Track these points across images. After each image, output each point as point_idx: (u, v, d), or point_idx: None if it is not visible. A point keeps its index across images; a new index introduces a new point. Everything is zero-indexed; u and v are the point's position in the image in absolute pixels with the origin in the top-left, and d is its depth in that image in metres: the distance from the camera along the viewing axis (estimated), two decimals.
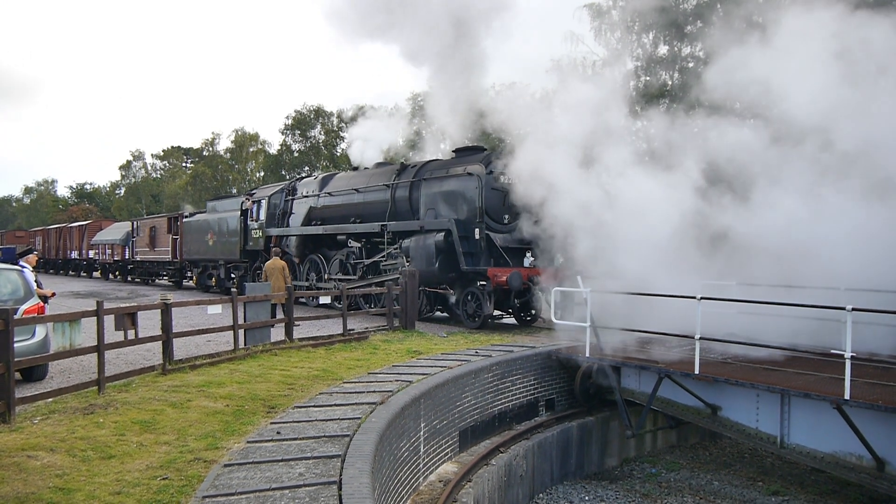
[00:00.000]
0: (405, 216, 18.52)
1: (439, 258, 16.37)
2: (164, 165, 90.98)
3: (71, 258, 48.60)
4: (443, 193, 17.37)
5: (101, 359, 8.98)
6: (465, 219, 16.44)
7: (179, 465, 6.29)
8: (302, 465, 6.27)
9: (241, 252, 25.61)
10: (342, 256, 20.83)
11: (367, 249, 19.82)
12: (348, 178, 21.78)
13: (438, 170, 17.97)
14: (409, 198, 18.48)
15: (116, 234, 40.75)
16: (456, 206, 16.87)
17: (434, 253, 16.40)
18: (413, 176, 18.64)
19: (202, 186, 73.45)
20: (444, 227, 16.52)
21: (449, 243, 16.26)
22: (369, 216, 19.71)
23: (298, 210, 23.31)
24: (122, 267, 40.61)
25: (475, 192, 16.24)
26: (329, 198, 21.92)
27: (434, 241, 16.45)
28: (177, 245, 32.08)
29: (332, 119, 67.81)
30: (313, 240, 22.32)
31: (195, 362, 10.88)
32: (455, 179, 17.08)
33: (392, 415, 8.06)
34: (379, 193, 19.62)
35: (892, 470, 8.59)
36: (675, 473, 12.33)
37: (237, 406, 8.42)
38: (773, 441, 9.89)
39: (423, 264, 16.66)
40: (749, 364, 11.19)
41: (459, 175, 16.91)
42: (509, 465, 10.60)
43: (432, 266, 16.46)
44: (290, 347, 12.67)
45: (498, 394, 11.59)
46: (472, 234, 16.12)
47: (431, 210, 17.55)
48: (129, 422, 7.58)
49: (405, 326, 15.47)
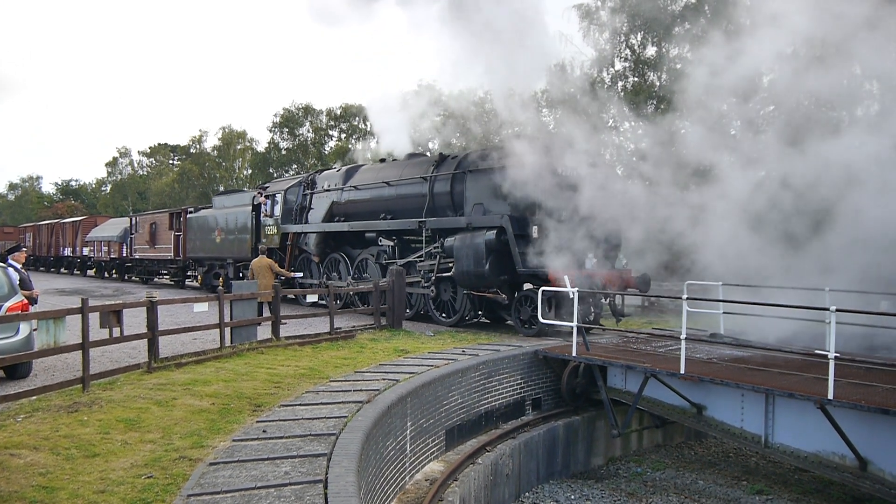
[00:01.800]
0: (445, 212, 16.89)
1: (490, 258, 14.77)
2: (151, 162, 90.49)
3: (64, 255, 46.84)
4: (494, 187, 15.41)
5: (85, 357, 8.93)
6: (520, 215, 14.79)
7: (164, 464, 6.27)
8: (288, 464, 6.25)
9: (253, 250, 23.57)
10: (370, 256, 19.29)
11: (399, 248, 18.20)
12: (377, 171, 19.85)
13: (485, 160, 15.99)
14: (450, 192, 16.73)
15: (113, 230, 38.95)
16: (510, 201, 15.05)
17: (484, 253, 14.78)
18: (455, 167, 16.80)
19: (189, 184, 73.12)
20: (495, 224, 14.82)
21: (502, 242, 14.63)
22: (402, 212, 18.09)
23: (318, 205, 21.52)
24: (120, 265, 38.87)
25: (534, 185, 14.53)
26: (355, 192, 20.07)
27: (484, 239, 14.83)
28: (180, 242, 30.44)
29: (321, 117, 67.66)
30: (336, 237, 20.79)
31: (181, 360, 10.83)
32: (508, 170, 15.06)
33: (378, 413, 8.05)
34: (414, 187, 17.87)
35: (874, 469, 8.67)
36: (661, 472, 12.38)
37: (223, 404, 8.38)
38: (757, 440, 9.97)
39: (469, 265, 15.12)
40: (734, 364, 11.27)
41: (514, 165, 14.89)
42: (495, 464, 10.62)
43: (481, 267, 14.86)
44: (276, 346, 12.63)
45: (485, 393, 11.60)
46: (528, 232, 14.61)
47: (479, 205, 15.83)
48: (114, 420, 7.54)
49: (392, 325, 15.45)
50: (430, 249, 16.96)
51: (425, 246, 17.12)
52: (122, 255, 37.28)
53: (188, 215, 29.40)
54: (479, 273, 14.99)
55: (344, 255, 20.43)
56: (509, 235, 14.44)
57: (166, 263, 32.58)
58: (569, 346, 12.37)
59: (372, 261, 19.14)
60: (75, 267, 46.57)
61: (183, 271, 31.56)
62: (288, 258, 22.15)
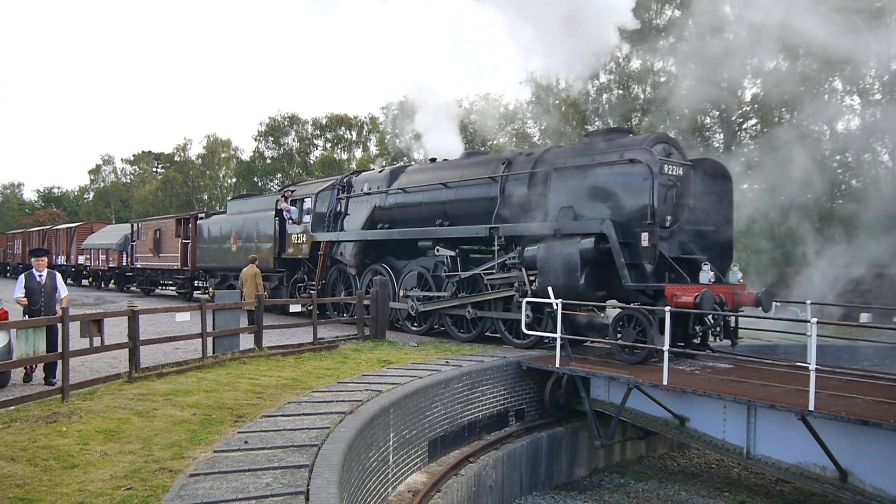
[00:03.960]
0: (520, 216, 14.68)
1: (585, 271, 12.85)
2: (135, 170, 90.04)
3: (57, 264, 42.93)
4: (588, 188, 13.40)
5: (65, 366, 8.85)
6: (624, 220, 12.66)
7: (144, 475, 6.20)
8: (269, 475, 6.21)
9: (276, 260, 21.63)
10: (423, 268, 17.10)
11: (461, 259, 16.06)
12: (430, 172, 17.64)
13: (575, 157, 13.96)
14: (527, 194, 14.65)
15: (112, 237, 36.29)
16: (610, 204, 13.00)
17: (577, 264, 12.81)
18: (532, 166, 14.75)
19: (173, 192, 72.79)
20: (593, 231, 12.81)
21: (601, 252, 12.70)
22: (462, 217, 16.03)
23: (356, 210, 19.29)
24: (120, 275, 36.19)
25: (643, 186, 12.43)
26: (402, 195, 17.84)
27: (578, 249, 12.83)
28: (188, 251, 28.23)
29: (307, 126, 67.64)
30: (377, 247, 18.66)
31: (162, 370, 10.75)
32: (607, 168, 13.12)
33: (361, 424, 8.02)
34: (479, 189, 15.76)
35: (854, 481, 8.73)
36: (644, 484, 12.40)
37: (204, 415, 8.32)
38: (739, 452, 10.02)
39: (559, 278, 13.06)
40: (717, 375, 11.33)
41: (616, 163, 12.94)
42: (479, 476, 10.59)
43: (574, 281, 12.82)
44: (259, 356, 12.56)
45: (468, 404, 11.58)
46: (635, 241, 12.44)
47: (568, 209, 13.57)
48: (93, 430, 7.47)
49: (376, 335, 15.42)
50: (505, 260, 14.77)
51: (496, 257, 14.95)
52: (121, 264, 35.06)
53: (198, 221, 27.34)
54: (571, 288, 12.89)
55: (387, 267, 18.15)
56: (613, 244, 12.37)
57: (172, 273, 30.32)
58: (552, 357, 12.38)
59: (426, 274, 16.97)
60: (69, 276, 42.96)
61: (191, 282, 29.38)
62: (319, 270, 19.99)
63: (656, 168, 12.30)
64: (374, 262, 18.66)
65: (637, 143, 13.15)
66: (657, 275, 12.45)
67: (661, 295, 11.97)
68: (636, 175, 12.59)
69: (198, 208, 66.25)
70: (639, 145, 13.00)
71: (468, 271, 15.71)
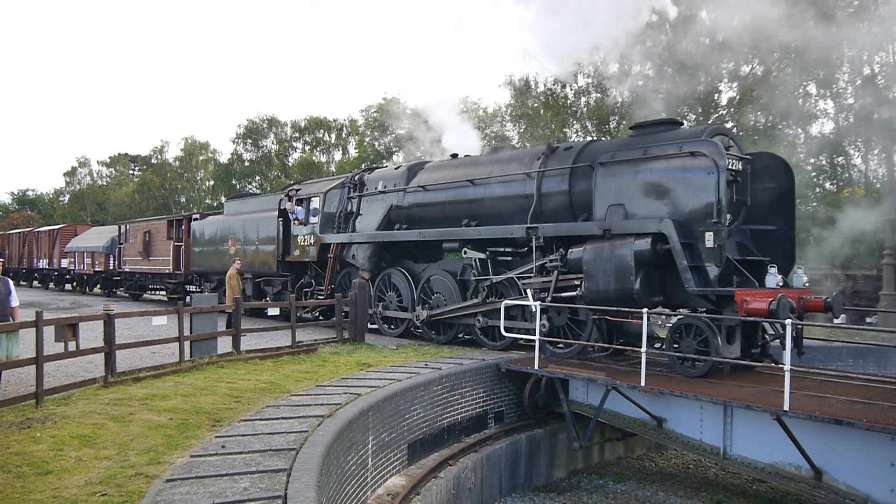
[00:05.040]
0: (559, 215, 13.77)
1: (640, 274, 11.75)
2: (111, 173, 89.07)
3: (39, 268, 42.43)
4: (640, 184, 12.23)
5: (39, 371, 8.75)
6: (684, 219, 11.54)
7: (120, 481, 6.15)
8: (247, 480, 6.18)
9: (279, 263, 20.38)
10: (446, 272, 16.01)
11: (491, 262, 14.95)
12: (452, 169, 16.50)
13: (624, 151, 12.69)
14: (569, 191, 13.62)
15: (98, 239, 34.88)
16: (667, 201, 11.85)
17: (631, 267, 11.71)
18: (574, 160, 13.67)
19: (150, 195, 72.17)
20: (649, 231, 11.73)
21: (659, 254, 11.64)
22: (492, 217, 15.02)
23: (370, 210, 18.21)
24: (106, 279, 34.68)
25: (706, 181, 11.34)
26: (423, 193, 16.76)
27: (632, 250, 11.76)
28: (180, 254, 26.98)
29: (286, 129, 67.36)
30: (393, 249, 17.65)
31: (139, 374, 10.66)
32: (664, 162, 11.93)
33: (339, 428, 8.00)
34: (512, 186, 14.72)
35: (829, 480, 8.86)
36: (622, 485, 12.47)
37: (181, 419, 8.26)
38: (716, 452, 10.12)
39: (609, 283, 11.98)
40: (693, 377, 11.42)
41: (675, 156, 11.79)
42: (458, 478, 10.60)
43: (628, 285, 11.70)
44: (237, 360, 12.49)
45: (447, 406, 11.59)
46: (697, 241, 11.36)
47: (617, 207, 12.41)
48: (68, 436, 7.39)
49: (355, 339, 15.38)
50: (546, 262, 13.65)
51: (535, 259, 13.85)
52: (108, 268, 33.68)
53: (192, 223, 26.15)
54: (624, 292, 11.81)
55: (404, 272, 17.07)
56: (674, 245, 11.30)
57: (163, 277, 28.99)
58: (531, 359, 12.43)
59: (451, 278, 15.82)
60: (51, 280, 42.32)
61: (184, 286, 27.93)
62: (329, 274, 18.80)
63: (722, 161, 11.22)
64: (391, 264, 17.61)
65: (694, 135, 12.21)
66: (722, 278, 11.32)
67: (727, 301, 11.01)
68: (698, 169, 11.48)
69: (175, 211, 65.79)
70: (696, 137, 12.02)
71: (500, 275, 14.66)
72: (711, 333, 10.82)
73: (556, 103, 37.62)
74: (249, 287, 21.74)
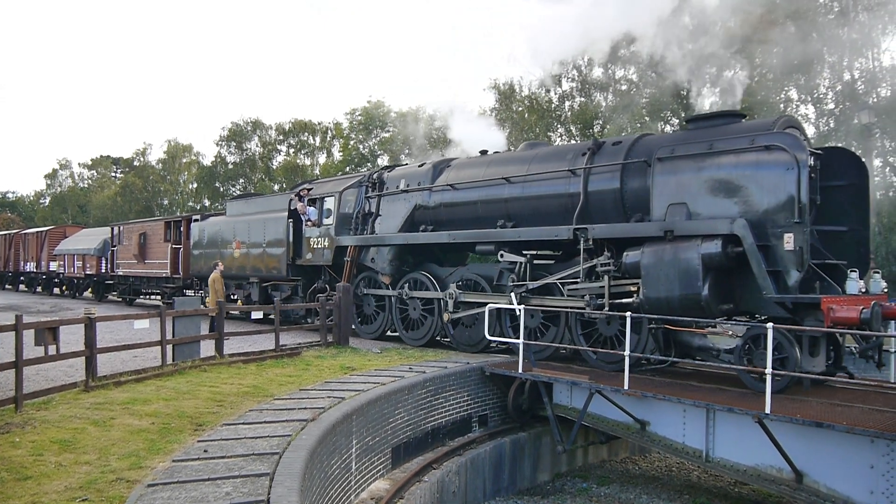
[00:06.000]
0: (609, 215, 12.86)
1: (708, 280, 10.80)
2: (93, 175, 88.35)
3: (25, 271, 40.56)
4: (706, 181, 11.24)
5: (19, 375, 8.66)
6: (757, 219, 10.56)
7: (100, 486, 6.10)
8: (229, 484, 6.14)
9: (289, 267, 19.39)
10: (479, 276, 15.08)
11: (531, 267, 13.90)
12: (484, 167, 15.49)
13: (684, 146, 11.76)
14: (620, 188, 12.72)
15: (90, 242, 33.35)
16: (738, 200, 10.87)
17: (699, 271, 10.75)
18: (625, 156, 12.73)
19: (132, 197, 71.70)
20: (718, 232, 10.75)
21: (731, 257, 10.68)
22: (531, 217, 14.07)
23: (391, 210, 17.23)
24: (98, 283, 33.33)
25: (785, 177, 10.35)
26: (451, 192, 15.75)
27: (700, 253, 10.80)
28: (179, 257, 25.85)
29: (270, 132, 67.11)
30: (416, 252, 16.72)
31: (120, 378, 10.58)
32: (733, 157, 10.99)
33: (323, 432, 7.98)
34: (554, 184, 13.74)
35: (809, 482, 8.93)
36: (606, 488, 12.51)
37: (163, 424, 8.21)
38: (698, 455, 10.17)
39: (672, 289, 11.04)
40: (676, 381, 11.49)
41: (746, 150, 10.85)
42: (442, 482, 10.60)
43: (695, 291, 10.75)
44: (220, 363, 12.43)
45: (431, 410, 11.58)
46: (774, 243, 10.43)
47: (679, 206, 11.43)
48: (48, 441, 7.32)
49: (339, 342, 15.34)
50: (596, 265, 12.62)
51: (583, 262, 12.83)
52: (100, 271, 32.29)
53: (192, 224, 24.90)
54: (690, 299, 10.88)
55: (429, 276, 16.08)
56: (749, 247, 10.34)
57: (160, 282, 27.70)
58: (515, 362, 12.45)
59: (485, 283, 14.86)
60: (39, 284, 40.44)
61: (182, 291, 26.68)
62: (345, 278, 17.74)
63: (803, 156, 10.29)
64: (414, 269, 16.68)
65: (765, 127, 11.33)
66: (802, 284, 10.35)
67: (809, 309, 10.09)
68: (775, 164, 10.48)
69: (158, 214, 65.36)
70: (767, 129, 11.15)
71: (538, 279, 13.64)
72: (791, 345, 9.93)
73: (540, 107, 37.80)
74: (256, 292, 20.88)
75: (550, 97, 38.46)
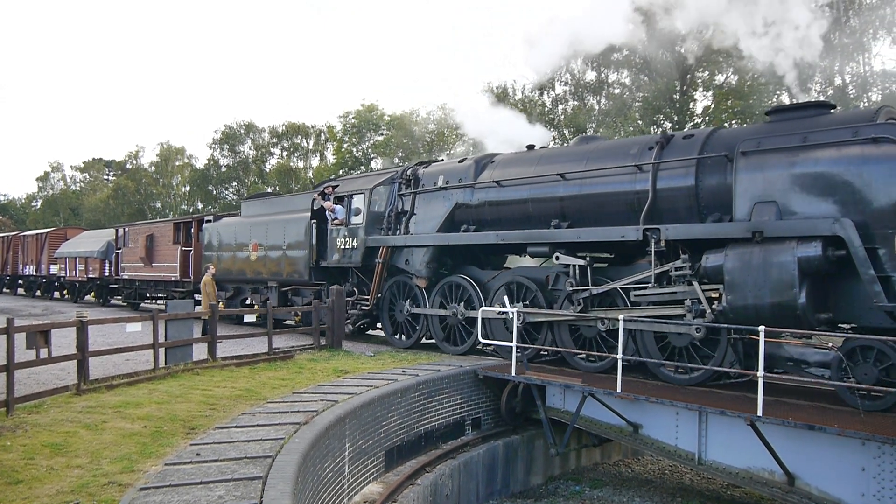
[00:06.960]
0: (681, 215, 11.79)
1: (805, 286, 9.75)
2: (85, 178, 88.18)
3: (25, 274, 39.32)
4: (799, 177, 10.18)
5: (10, 379, 8.61)
6: (861, 219, 9.53)
7: (92, 490, 6.07)
8: (222, 488, 6.13)
9: (312, 270, 18.15)
10: (528, 280, 13.87)
11: (591, 270, 12.88)
12: (534, 162, 14.29)
13: (772, 138, 10.70)
14: (695, 186, 11.61)
15: (93, 244, 32.09)
16: (838, 198, 9.81)
17: (795, 277, 9.69)
18: (700, 150, 11.66)
19: (125, 200, 71.55)
20: (818, 234, 9.72)
21: (832, 261, 9.69)
22: (591, 217, 13.00)
23: (427, 209, 16.14)
24: (101, 286, 32.02)
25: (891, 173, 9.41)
26: (497, 190, 14.61)
27: (796, 256, 9.74)
28: (189, 260, 24.69)
29: (263, 135, 67.07)
30: (455, 254, 15.67)
31: (112, 382, 10.53)
32: (833, 151, 9.94)
33: (316, 435, 7.97)
34: (618, 181, 12.64)
35: (801, 484, 8.97)
36: (599, 491, 12.53)
37: (155, 427, 8.18)
38: (691, 458, 10.19)
39: (763, 296, 9.98)
40: (669, 384, 11.52)
41: (849, 143, 9.81)
42: (435, 485, 10.60)
43: (790, 299, 9.71)
44: (212, 366, 12.39)
45: (425, 413, 11.58)
46: (882, 246, 9.41)
47: (768, 205, 10.36)
48: (40, 445, 7.28)
49: (332, 345, 15.32)
50: (670, 270, 11.55)
51: (654, 266, 11.77)
52: (103, 275, 30.99)
53: (204, 225, 23.66)
54: (783, 308, 9.83)
55: (470, 280, 15.03)
56: (855, 250, 9.34)
57: (168, 285, 26.50)
58: (508, 365, 12.46)
59: (536, 288, 13.68)
60: (39, 287, 39.23)
61: (192, 295, 24.28)
62: (376, 281, 16.57)
63: None
64: (452, 271, 15.66)
65: (866, 118, 10.22)
66: None
67: None
68: (886, 159, 9.48)
69: (150, 217, 65.20)
70: (869, 120, 10.08)
71: (601, 285, 12.63)
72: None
73: (533, 110, 37.90)
74: (275, 297, 19.65)
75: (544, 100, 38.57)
